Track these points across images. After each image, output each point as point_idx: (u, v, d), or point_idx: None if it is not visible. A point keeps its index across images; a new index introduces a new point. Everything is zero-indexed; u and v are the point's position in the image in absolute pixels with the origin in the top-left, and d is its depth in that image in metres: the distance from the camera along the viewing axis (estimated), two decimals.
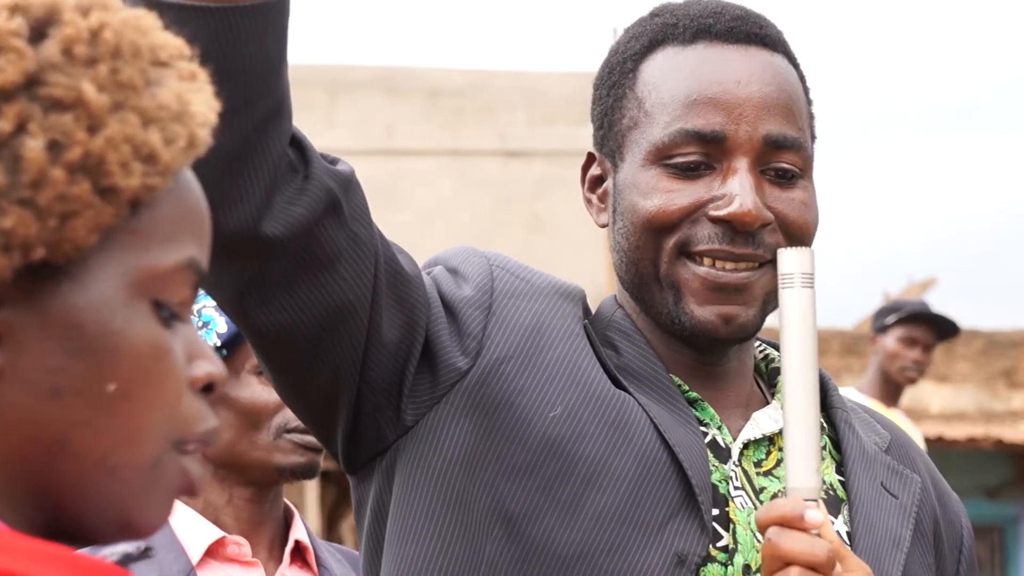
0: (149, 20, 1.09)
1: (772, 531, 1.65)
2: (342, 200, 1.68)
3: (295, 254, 1.67)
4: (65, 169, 1.02)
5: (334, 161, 1.72)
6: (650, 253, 1.83)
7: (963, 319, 7.45)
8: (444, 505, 1.76)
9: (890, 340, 6.79)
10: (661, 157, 1.83)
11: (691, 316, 1.82)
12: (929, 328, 6.83)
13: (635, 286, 1.86)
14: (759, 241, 1.82)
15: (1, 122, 1.01)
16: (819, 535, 1.65)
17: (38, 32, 1.04)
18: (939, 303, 7.11)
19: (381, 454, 1.80)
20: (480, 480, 1.75)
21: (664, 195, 1.82)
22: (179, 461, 1.08)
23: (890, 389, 6.81)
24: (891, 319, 6.82)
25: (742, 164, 1.82)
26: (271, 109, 1.62)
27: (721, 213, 1.80)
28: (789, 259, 1.72)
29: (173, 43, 1.10)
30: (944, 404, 13.09)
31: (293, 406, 1.84)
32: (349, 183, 1.70)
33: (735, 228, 1.80)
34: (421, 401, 1.77)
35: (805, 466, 1.69)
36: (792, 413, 1.71)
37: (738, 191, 1.80)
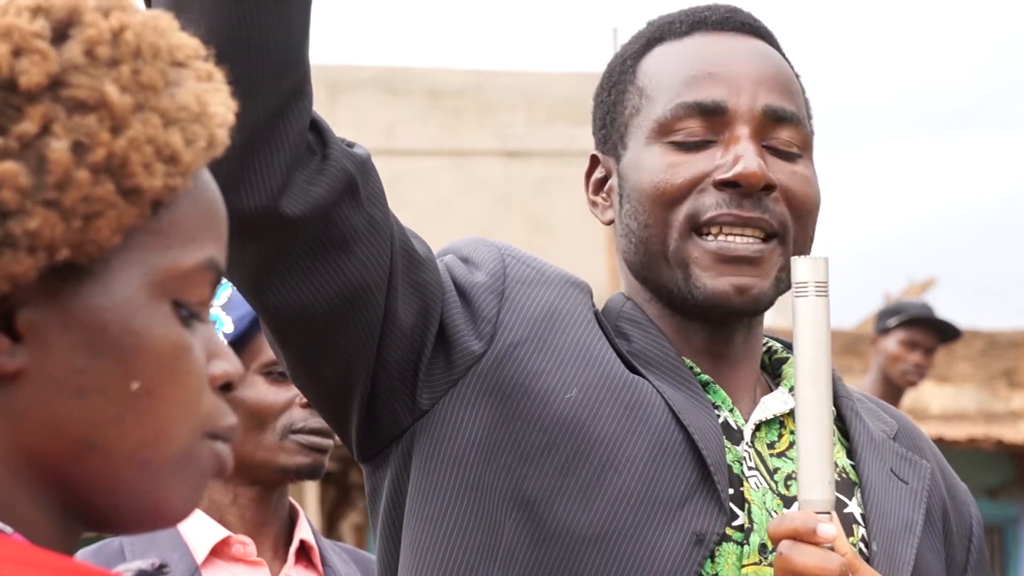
0: (166, 21, 1.10)
1: (784, 545, 1.66)
2: (359, 182, 1.70)
3: (313, 235, 1.68)
4: (89, 170, 1.02)
5: (351, 145, 1.74)
6: (659, 230, 1.85)
7: (963, 319, 7.47)
8: (461, 489, 1.76)
9: (891, 342, 6.79)
10: (664, 133, 1.86)
11: (703, 289, 1.83)
12: (931, 332, 6.83)
13: (644, 267, 1.88)
14: (765, 206, 1.84)
15: (26, 123, 1.02)
16: (832, 548, 1.66)
17: (60, 33, 1.05)
18: (939, 303, 7.10)
19: (396, 439, 1.81)
20: (497, 464, 1.76)
21: (669, 168, 1.85)
22: (211, 447, 1.10)
23: (891, 391, 6.81)
24: (893, 322, 6.81)
25: (744, 132, 1.85)
26: (294, 86, 1.64)
27: (727, 175, 1.82)
28: (803, 268, 1.72)
29: (189, 43, 1.10)
30: (944, 404, 13.09)
31: (308, 392, 1.84)
32: (365, 165, 1.72)
33: (741, 192, 1.82)
34: (436, 385, 1.78)
35: (818, 478, 1.68)
36: (805, 424, 1.70)
37: (742, 153, 1.83)
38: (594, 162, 1.96)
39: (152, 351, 1.06)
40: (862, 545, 1.84)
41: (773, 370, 1.97)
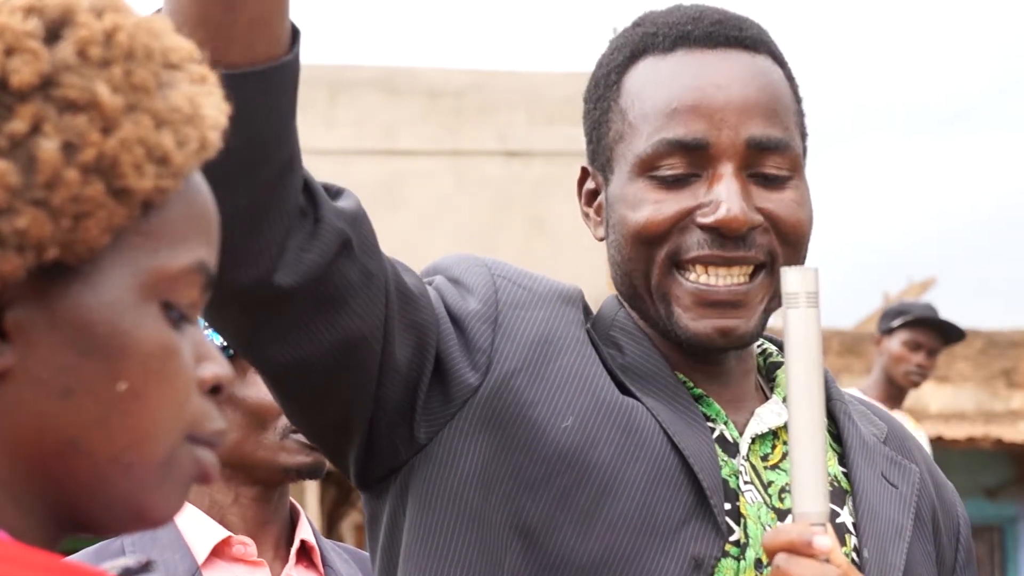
0: (161, 23, 1.10)
1: (780, 558, 1.65)
2: (352, 238, 1.68)
3: (308, 297, 1.66)
4: (79, 170, 1.02)
5: (338, 192, 1.71)
6: (642, 265, 1.83)
7: (963, 319, 7.45)
8: (461, 522, 1.76)
9: (895, 343, 6.79)
10: (646, 169, 1.83)
11: (685, 330, 1.82)
12: (934, 333, 6.83)
13: (630, 298, 1.87)
14: (751, 243, 1.81)
15: (16, 122, 1.02)
16: (828, 561, 1.65)
17: (53, 33, 1.05)
18: (939, 303, 7.09)
19: (395, 471, 1.80)
20: (496, 495, 1.75)
21: (652, 206, 1.82)
22: (193, 452, 1.09)
23: (893, 391, 6.81)
24: (897, 322, 6.81)
25: (727, 169, 1.81)
26: (286, 162, 1.61)
27: (708, 220, 1.80)
28: (793, 279, 1.70)
29: (184, 46, 1.10)
30: (944, 404, 13.09)
31: (306, 431, 1.84)
32: (356, 218, 1.69)
33: (723, 234, 1.80)
34: (434, 419, 1.77)
35: (812, 490, 1.67)
36: (797, 435, 1.69)
37: (724, 197, 1.80)
38: (585, 173, 1.94)
39: (140, 352, 1.05)
40: (853, 554, 1.84)
41: (767, 373, 1.97)
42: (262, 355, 1.71)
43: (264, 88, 1.56)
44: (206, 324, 2.50)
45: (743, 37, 1.87)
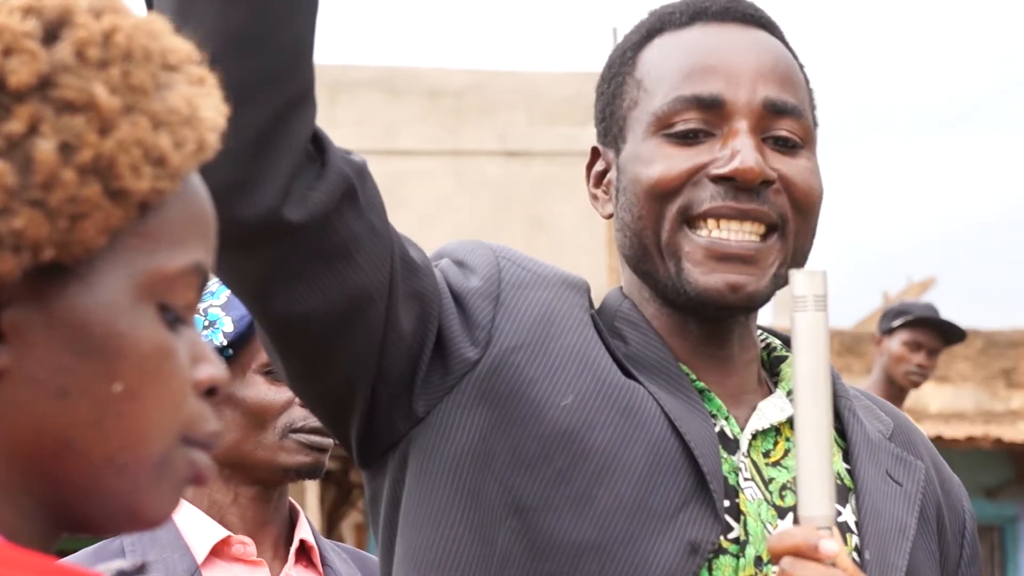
0: (160, 24, 1.10)
1: (786, 561, 1.64)
2: (358, 187, 1.70)
3: (314, 242, 1.67)
4: (76, 171, 1.02)
5: (347, 153, 1.74)
6: (652, 222, 1.83)
7: (963, 319, 7.44)
8: (457, 496, 1.76)
9: (895, 343, 6.78)
10: (662, 127, 1.84)
11: (695, 285, 1.81)
12: (935, 333, 6.81)
13: (638, 259, 1.87)
14: (764, 198, 1.82)
15: (13, 123, 1.02)
16: (834, 565, 1.64)
17: (51, 34, 1.05)
18: (939, 303, 7.08)
19: (394, 446, 1.80)
20: (492, 471, 1.75)
21: (665, 161, 1.83)
22: (188, 453, 1.09)
23: (894, 391, 6.80)
24: (897, 322, 6.80)
25: (742, 126, 1.82)
26: (300, 90, 1.65)
27: (723, 171, 1.80)
28: (802, 282, 1.69)
29: (183, 47, 1.10)
30: (943, 404, 13.09)
31: (308, 401, 1.85)
32: (363, 172, 1.72)
33: (738, 186, 1.80)
34: (433, 392, 1.77)
35: (818, 493, 1.66)
36: (804, 438, 1.68)
37: (740, 148, 1.81)
38: (595, 154, 1.95)
39: (135, 353, 1.05)
40: (855, 554, 1.83)
41: (771, 367, 1.96)
42: (269, 307, 1.72)
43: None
44: (204, 325, 2.52)
45: (759, 16, 1.91)
